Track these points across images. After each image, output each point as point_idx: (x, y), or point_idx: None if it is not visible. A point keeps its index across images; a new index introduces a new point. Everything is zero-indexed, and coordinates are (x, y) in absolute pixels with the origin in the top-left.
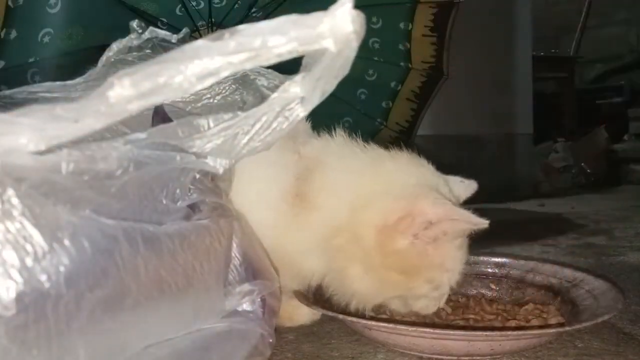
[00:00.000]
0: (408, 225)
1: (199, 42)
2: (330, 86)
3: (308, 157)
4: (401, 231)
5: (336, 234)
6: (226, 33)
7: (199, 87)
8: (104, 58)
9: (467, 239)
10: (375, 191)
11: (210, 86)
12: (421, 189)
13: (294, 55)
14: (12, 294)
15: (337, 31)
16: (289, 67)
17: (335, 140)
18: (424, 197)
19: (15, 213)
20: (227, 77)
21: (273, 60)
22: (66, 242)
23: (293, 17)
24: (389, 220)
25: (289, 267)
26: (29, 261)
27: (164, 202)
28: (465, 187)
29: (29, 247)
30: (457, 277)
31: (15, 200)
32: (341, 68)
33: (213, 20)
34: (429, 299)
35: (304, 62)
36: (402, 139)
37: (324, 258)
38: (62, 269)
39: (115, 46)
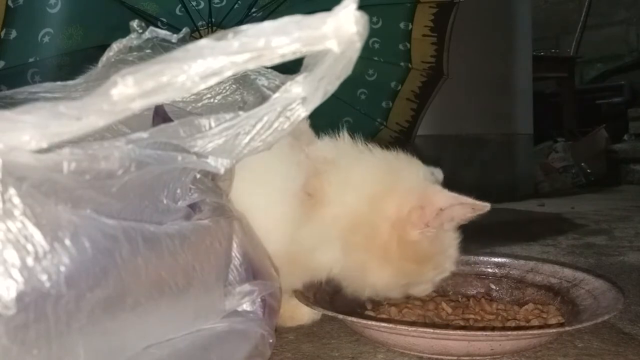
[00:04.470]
0: (419, 215)
1: (203, 42)
2: (332, 87)
3: (315, 156)
4: (414, 222)
5: (353, 231)
6: (230, 33)
7: (202, 86)
8: (104, 58)
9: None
10: (387, 188)
11: (211, 86)
12: (427, 183)
13: (298, 55)
14: (13, 294)
15: (341, 32)
16: (289, 67)
17: (344, 141)
18: (431, 189)
19: (17, 212)
20: (228, 77)
21: (276, 61)
22: (67, 241)
23: (297, 18)
24: (401, 214)
25: (299, 263)
26: (29, 261)
27: (165, 201)
28: (437, 176)
29: (29, 247)
30: (455, 261)
31: (16, 200)
32: (344, 69)
33: (213, 20)
34: (430, 283)
35: (305, 62)
36: (402, 138)
37: (337, 253)
38: (62, 268)
39: (115, 46)
